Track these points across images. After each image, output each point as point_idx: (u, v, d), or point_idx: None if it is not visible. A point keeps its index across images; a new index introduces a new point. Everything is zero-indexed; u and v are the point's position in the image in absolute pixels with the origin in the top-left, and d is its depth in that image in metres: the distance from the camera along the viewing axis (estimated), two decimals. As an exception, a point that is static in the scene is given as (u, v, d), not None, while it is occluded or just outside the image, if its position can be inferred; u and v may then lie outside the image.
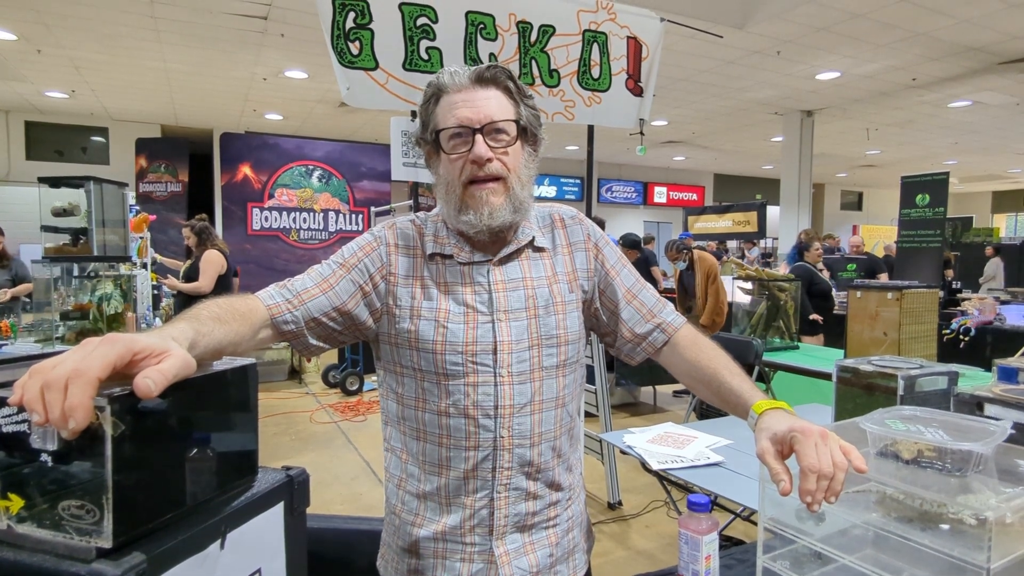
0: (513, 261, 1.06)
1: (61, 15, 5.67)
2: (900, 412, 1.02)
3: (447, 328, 0.99)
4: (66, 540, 0.62)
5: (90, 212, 3.74)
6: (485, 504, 1.00)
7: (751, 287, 4.37)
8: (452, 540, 1.01)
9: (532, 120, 1.06)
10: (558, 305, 1.06)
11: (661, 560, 2.93)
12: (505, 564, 1.00)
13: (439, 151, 1.02)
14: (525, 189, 1.04)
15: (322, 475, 4.00)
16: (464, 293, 1.02)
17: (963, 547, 0.77)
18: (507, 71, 1.04)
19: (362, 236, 1.08)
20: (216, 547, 0.72)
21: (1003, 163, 14.68)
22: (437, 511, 1.02)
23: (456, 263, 1.04)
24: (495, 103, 1.01)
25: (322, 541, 1.39)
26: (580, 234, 1.13)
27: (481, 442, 0.99)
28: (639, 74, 3.32)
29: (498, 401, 0.99)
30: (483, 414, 0.99)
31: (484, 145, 0.99)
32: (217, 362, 0.79)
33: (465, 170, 1.00)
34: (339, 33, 2.59)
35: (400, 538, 1.06)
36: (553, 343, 1.04)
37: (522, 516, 1.02)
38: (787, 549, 1.00)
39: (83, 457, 0.63)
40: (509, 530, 1.01)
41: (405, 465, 1.05)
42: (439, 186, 1.06)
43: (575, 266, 1.11)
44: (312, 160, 9.44)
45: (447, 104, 1.01)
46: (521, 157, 1.04)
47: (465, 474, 1.00)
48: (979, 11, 5.53)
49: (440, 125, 1.02)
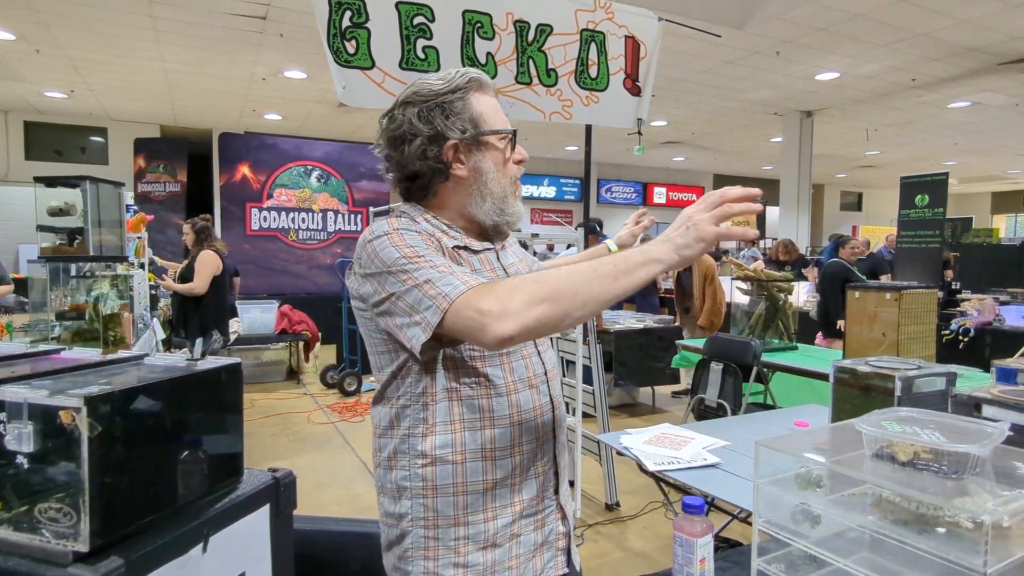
0: (507, 247, 1.19)
1: (60, 15, 5.66)
2: (896, 413, 1.01)
3: None
4: (43, 544, 0.61)
5: (86, 212, 3.73)
6: (551, 465, 1.09)
7: (750, 287, 4.36)
8: (527, 515, 1.05)
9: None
10: None
11: (658, 561, 2.91)
12: (566, 516, 1.11)
13: (480, 146, 1.06)
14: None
15: (319, 476, 3.99)
16: (492, 277, 1.08)
17: (960, 551, 0.76)
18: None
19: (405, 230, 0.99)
20: (198, 550, 0.70)
21: (1002, 164, 14.67)
22: (508, 494, 1.03)
23: (473, 252, 1.09)
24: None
25: (314, 544, 1.38)
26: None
27: (543, 407, 1.07)
28: (637, 74, 3.31)
29: (545, 367, 1.10)
30: (541, 380, 1.08)
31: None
32: (200, 362, 0.78)
33: (511, 169, 1.11)
34: (335, 32, 2.57)
35: (466, 545, 1.01)
36: None
37: (565, 464, 1.14)
38: (782, 552, 0.99)
39: (60, 459, 0.61)
40: (562, 480, 1.11)
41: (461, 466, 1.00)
42: (477, 180, 1.06)
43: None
44: (311, 160, 9.44)
45: (492, 104, 1.09)
46: None
47: (536, 443, 1.06)
48: (978, 12, 5.52)
49: (489, 121, 1.07)
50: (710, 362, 3.72)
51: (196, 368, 0.76)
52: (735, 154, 13.51)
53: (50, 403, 0.61)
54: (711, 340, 3.95)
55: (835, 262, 5.45)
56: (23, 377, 0.70)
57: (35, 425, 0.61)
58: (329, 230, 9.49)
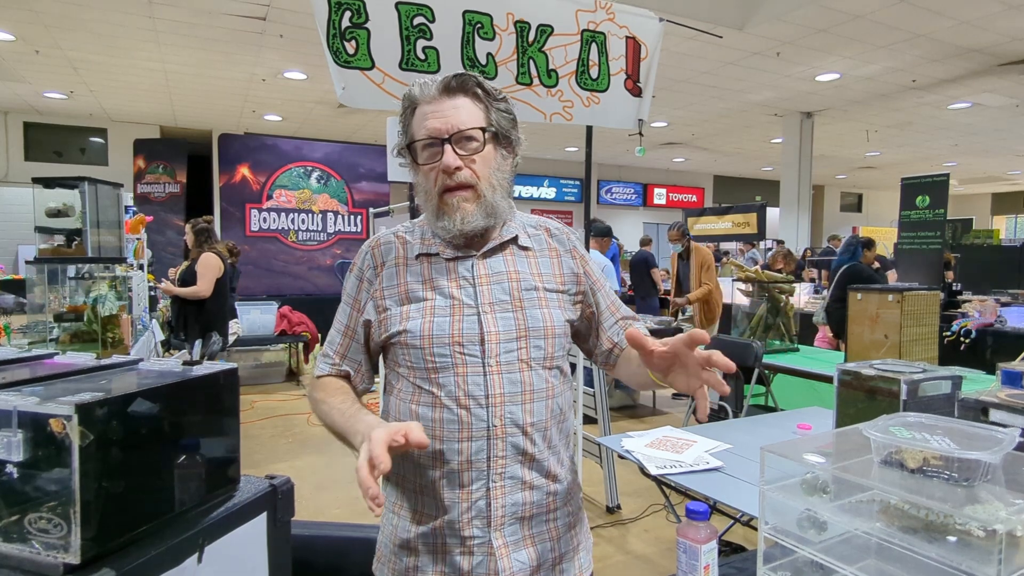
0: (497, 256, 1.10)
1: (59, 16, 5.65)
2: (904, 419, 0.99)
3: (433, 321, 1.03)
4: (33, 555, 0.59)
5: (84, 213, 3.71)
6: (482, 495, 1.01)
7: (750, 289, 4.35)
8: (451, 534, 1.02)
9: (504, 123, 1.09)
10: (542, 299, 1.10)
11: (660, 565, 2.90)
12: (504, 556, 1.01)
13: (416, 161, 1.06)
14: (498, 193, 1.08)
15: (319, 479, 3.97)
16: (450, 287, 1.06)
17: (971, 560, 0.74)
18: (475, 78, 1.06)
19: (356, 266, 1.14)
20: (193, 561, 0.69)
21: (1003, 165, 14.66)
22: (434, 506, 1.03)
23: (442, 260, 1.08)
24: (464, 112, 1.04)
25: (313, 549, 1.36)
26: (567, 243, 1.19)
27: (474, 432, 1.01)
28: (638, 74, 3.30)
29: (488, 390, 1.01)
30: (475, 403, 1.01)
31: (452, 155, 1.02)
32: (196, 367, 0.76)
33: (439, 180, 1.04)
34: (335, 32, 2.56)
35: (397, 536, 1.07)
36: (540, 335, 1.07)
37: (519, 506, 1.03)
38: (788, 559, 0.97)
39: (50, 467, 0.60)
40: (507, 520, 1.02)
41: (400, 462, 1.06)
42: (419, 194, 1.10)
43: (562, 270, 1.15)
44: (311, 161, 9.42)
45: (419, 115, 1.05)
46: (493, 162, 1.07)
47: (460, 465, 1.01)
48: (978, 13, 5.51)
49: (414, 136, 1.06)
50: (711, 364, 3.70)
51: (191, 374, 0.75)
52: (735, 155, 13.51)
53: (40, 411, 0.59)
54: (712, 342, 3.93)
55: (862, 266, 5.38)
56: (13, 384, 0.69)
57: (25, 433, 0.60)
58: (329, 231, 9.48)
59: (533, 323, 1.06)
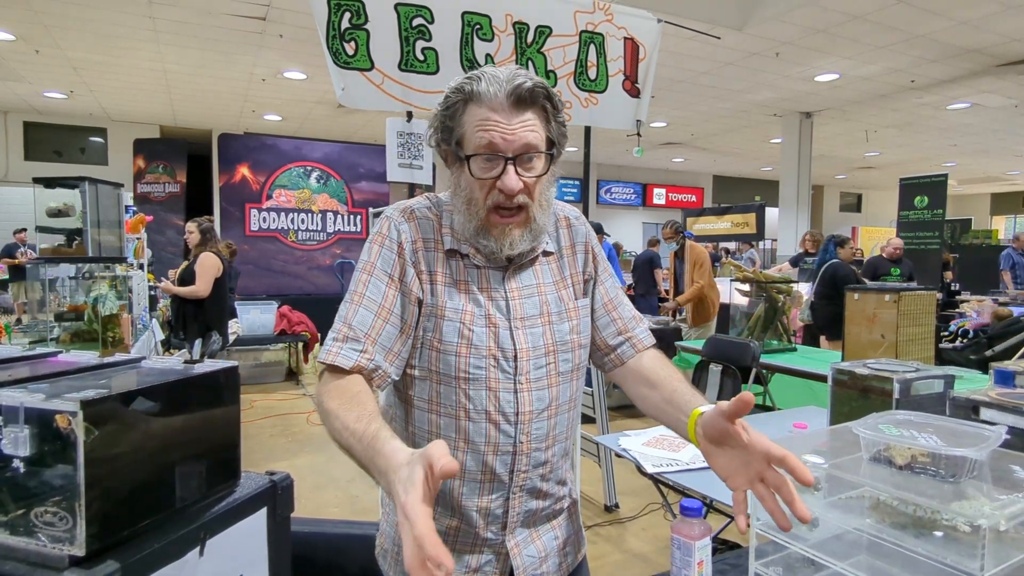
0: (528, 268, 1.05)
1: (60, 15, 5.66)
2: (894, 417, 1.01)
3: (472, 332, 0.97)
4: (39, 548, 0.61)
5: (85, 213, 3.73)
6: (500, 504, 1.01)
7: (749, 289, 4.36)
8: (464, 538, 1.02)
9: (561, 140, 1.01)
10: (570, 311, 1.06)
11: (657, 563, 2.91)
12: (517, 556, 1.03)
13: (462, 163, 0.96)
14: (545, 212, 1.01)
15: (318, 478, 3.98)
16: (483, 297, 1.00)
17: (957, 554, 0.76)
18: (544, 88, 0.95)
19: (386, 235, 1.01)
20: (195, 554, 0.70)
21: (1002, 165, 14.67)
22: (449, 511, 1.01)
23: (473, 264, 1.01)
24: (531, 129, 0.94)
25: (313, 546, 1.38)
26: (582, 235, 1.13)
27: (501, 448, 0.98)
28: (636, 75, 3.31)
29: (519, 408, 0.98)
30: (504, 420, 0.98)
31: (515, 177, 0.93)
32: (198, 365, 0.78)
33: (492, 196, 0.95)
34: (335, 33, 2.57)
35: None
36: (568, 348, 1.05)
37: (532, 512, 1.05)
38: (780, 555, 0.99)
39: (56, 462, 0.61)
40: (520, 525, 1.04)
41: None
42: (457, 195, 0.99)
43: (579, 268, 1.10)
44: (310, 161, 9.43)
45: (478, 118, 0.93)
46: (546, 181, 1.00)
47: (482, 477, 0.99)
48: (977, 13, 5.52)
49: (468, 139, 0.95)
50: (709, 364, 3.72)
51: (193, 371, 0.76)
52: (735, 155, 13.52)
53: (46, 407, 0.61)
54: (710, 341, 3.95)
55: (840, 263, 5.43)
56: (20, 381, 0.70)
57: (31, 429, 0.61)
58: (328, 231, 9.48)
59: (561, 337, 1.04)
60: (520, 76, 0.93)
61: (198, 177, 10.46)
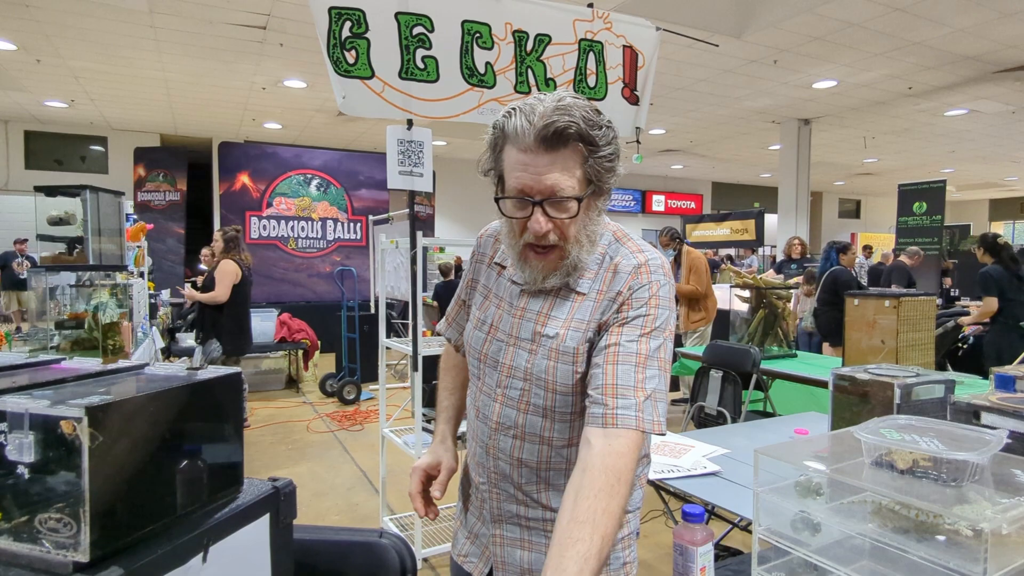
0: (548, 296, 1.05)
1: (61, 25, 5.69)
2: (895, 421, 1.01)
3: (474, 335, 1.13)
4: (43, 554, 0.61)
5: (86, 221, 3.74)
6: (487, 488, 1.12)
7: (749, 295, 4.37)
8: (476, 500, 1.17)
9: (603, 174, 0.97)
10: (554, 351, 1.02)
11: (659, 570, 2.90)
12: (497, 545, 1.11)
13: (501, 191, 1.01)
14: (584, 248, 1.00)
15: (318, 485, 3.98)
16: (500, 309, 1.11)
17: (959, 558, 0.76)
18: (575, 124, 0.91)
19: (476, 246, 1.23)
20: (198, 560, 0.70)
21: (1000, 171, 14.72)
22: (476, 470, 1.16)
23: (506, 277, 1.12)
24: (559, 172, 0.92)
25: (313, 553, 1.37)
26: (620, 285, 1.01)
27: (480, 437, 1.12)
28: (635, 83, 3.33)
29: (491, 414, 1.09)
30: (484, 417, 1.11)
31: (541, 220, 0.94)
32: (201, 371, 0.78)
33: (523, 235, 0.99)
34: (335, 42, 2.59)
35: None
36: (542, 386, 1.03)
37: (515, 515, 1.09)
38: (782, 560, 0.99)
39: (60, 469, 0.62)
40: (507, 520, 1.10)
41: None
42: (503, 225, 1.05)
43: (597, 315, 1.01)
44: (310, 169, 9.46)
45: (511, 157, 0.95)
46: (584, 219, 0.98)
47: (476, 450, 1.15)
48: (973, 21, 5.55)
49: (506, 178, 0.98)
50: (709, 370, 3.71)
51: (196, 378, 0.77)
52: (733, 162, 13.56)
53: (51, 413, 0.61)
54: (710, 347, 3.95)
55: (843, 269, 5.43)
56: (24, 387, 0.70)
57: (36, 435, 0.61)
58: (328, 239, 9.50)
59: (537, 371, 1.03)
60: (556, 114, 0.91)
61: (198, 185, 10.49)
